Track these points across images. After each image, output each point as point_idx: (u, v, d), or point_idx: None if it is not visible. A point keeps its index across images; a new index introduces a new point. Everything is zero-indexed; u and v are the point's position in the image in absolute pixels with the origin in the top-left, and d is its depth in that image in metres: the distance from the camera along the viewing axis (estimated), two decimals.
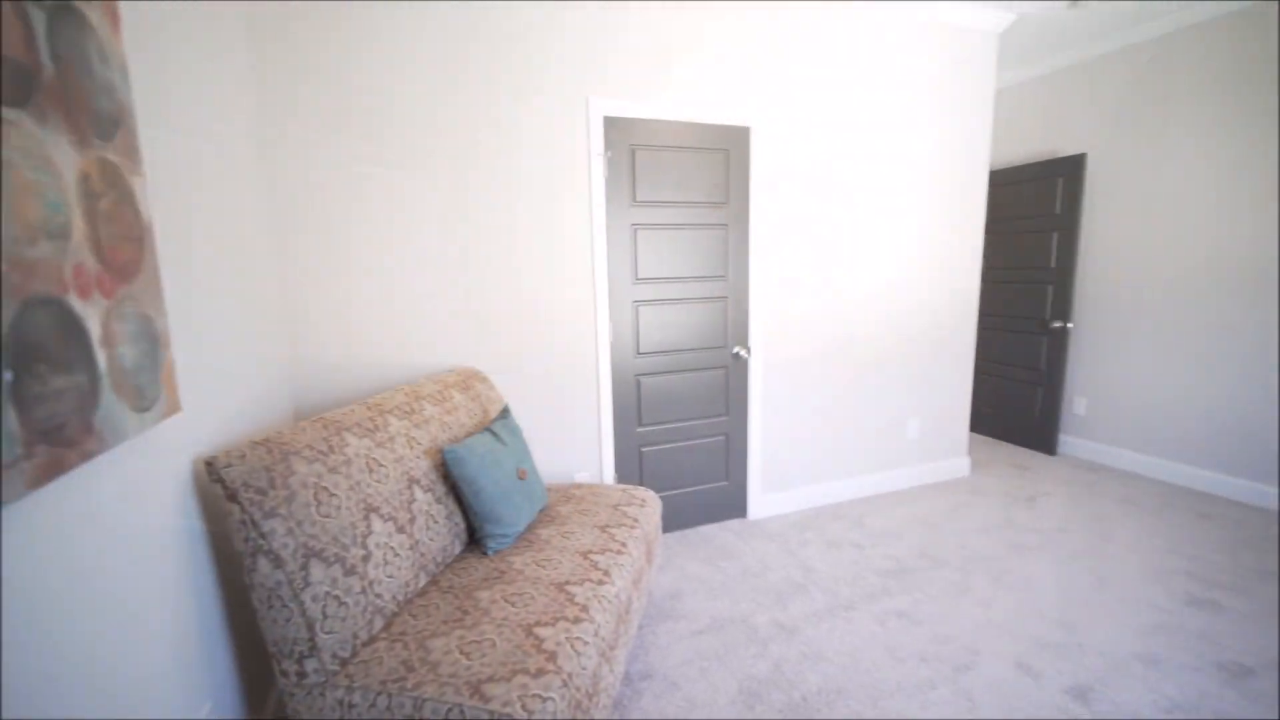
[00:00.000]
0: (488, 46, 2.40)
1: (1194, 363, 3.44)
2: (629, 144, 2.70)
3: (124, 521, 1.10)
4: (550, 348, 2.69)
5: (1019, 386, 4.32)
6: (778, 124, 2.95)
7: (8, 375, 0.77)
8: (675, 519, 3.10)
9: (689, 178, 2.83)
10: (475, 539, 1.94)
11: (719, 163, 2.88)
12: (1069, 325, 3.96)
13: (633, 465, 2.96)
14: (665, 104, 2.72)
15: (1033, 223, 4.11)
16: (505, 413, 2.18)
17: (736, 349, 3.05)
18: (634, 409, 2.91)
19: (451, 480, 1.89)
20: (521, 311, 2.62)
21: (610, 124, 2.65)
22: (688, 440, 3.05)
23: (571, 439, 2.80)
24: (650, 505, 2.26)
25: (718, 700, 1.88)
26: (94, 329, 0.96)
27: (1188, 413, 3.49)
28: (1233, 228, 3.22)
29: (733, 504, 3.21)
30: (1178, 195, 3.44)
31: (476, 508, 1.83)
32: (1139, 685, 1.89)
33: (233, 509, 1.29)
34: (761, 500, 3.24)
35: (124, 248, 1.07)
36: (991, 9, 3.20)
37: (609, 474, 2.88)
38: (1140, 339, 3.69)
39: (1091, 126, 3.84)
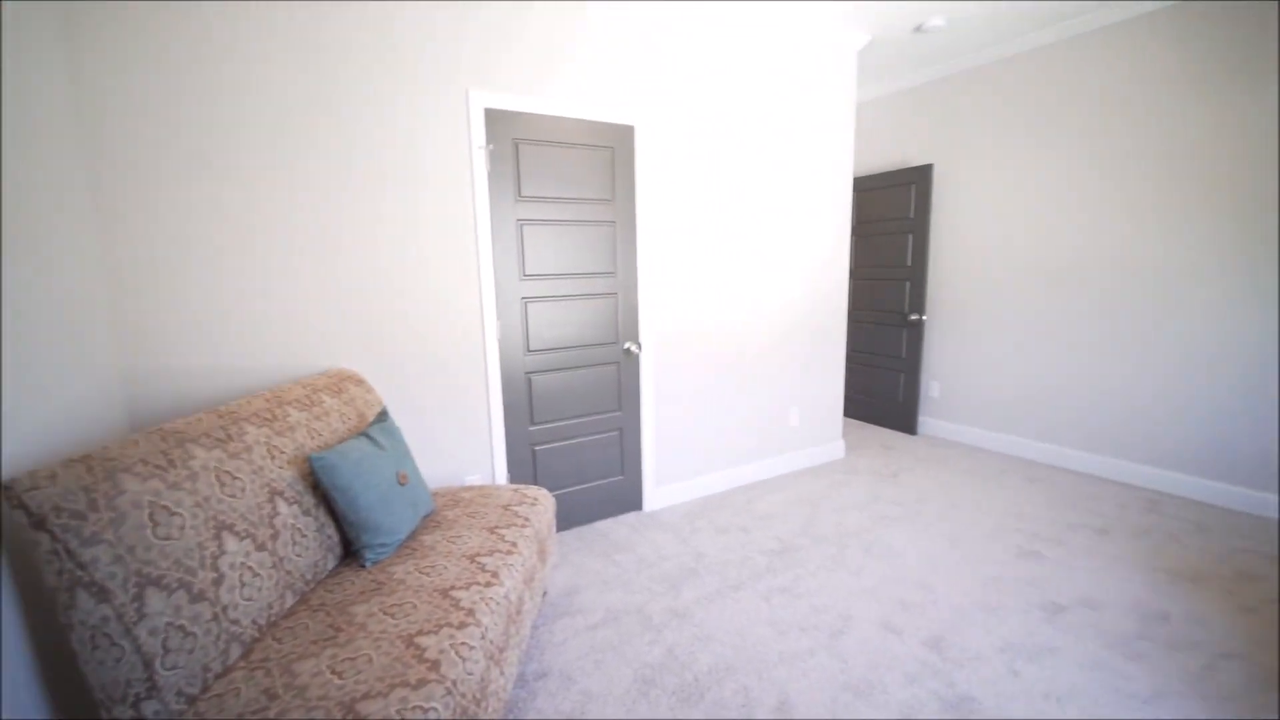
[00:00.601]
0: (358, 31, 2.25)
1: (1020, 347, 3.97)
2: (512, 138, 2.64)
3: None
4: (435, 347, 2.58)
5: (885, 374, 4.75)
6: (662, 124, 3.03)
7: None
8: (572, 516, 3.08)
9: (575, 174, 2.83)
10: (352, 551, 1.82)
11: (604, 160, 2.90)
12: (924, 318, 4.41)
13: (526, 465, 2.91)
14: (548, 99, 2.70)
15: (891, 225, 4.53)
16: (383, 415, 2.05)
17: (627, 345, 3.09)
18: (525, 407, 2.86)
19: (323, 490, 1.75)
20: (403, 310, 2.48)
21: (492, 117, 2.58)
22: (581, 437, 3.05)
23: (461, 441, 2.70)
24: (543, 504, 2.23)
25: (613, 690, 1.90)
26: None
27: (1015, 391, 4.02)
28: (1053, 231, 3.75)
29: (628, 498, 3.26)
30: (1007, 202, 3.95)
31: (352, 518, 1.71)
32: (980, 630, 2.15)
33: (41, 538, 1.10)
34: (656, 492, 3.31)
35: None
36: (850, 28, 3.48)
37: (501, 475, 2.81)
38: (977, 328, 4.20)
39: (937, 139, 4.31)
